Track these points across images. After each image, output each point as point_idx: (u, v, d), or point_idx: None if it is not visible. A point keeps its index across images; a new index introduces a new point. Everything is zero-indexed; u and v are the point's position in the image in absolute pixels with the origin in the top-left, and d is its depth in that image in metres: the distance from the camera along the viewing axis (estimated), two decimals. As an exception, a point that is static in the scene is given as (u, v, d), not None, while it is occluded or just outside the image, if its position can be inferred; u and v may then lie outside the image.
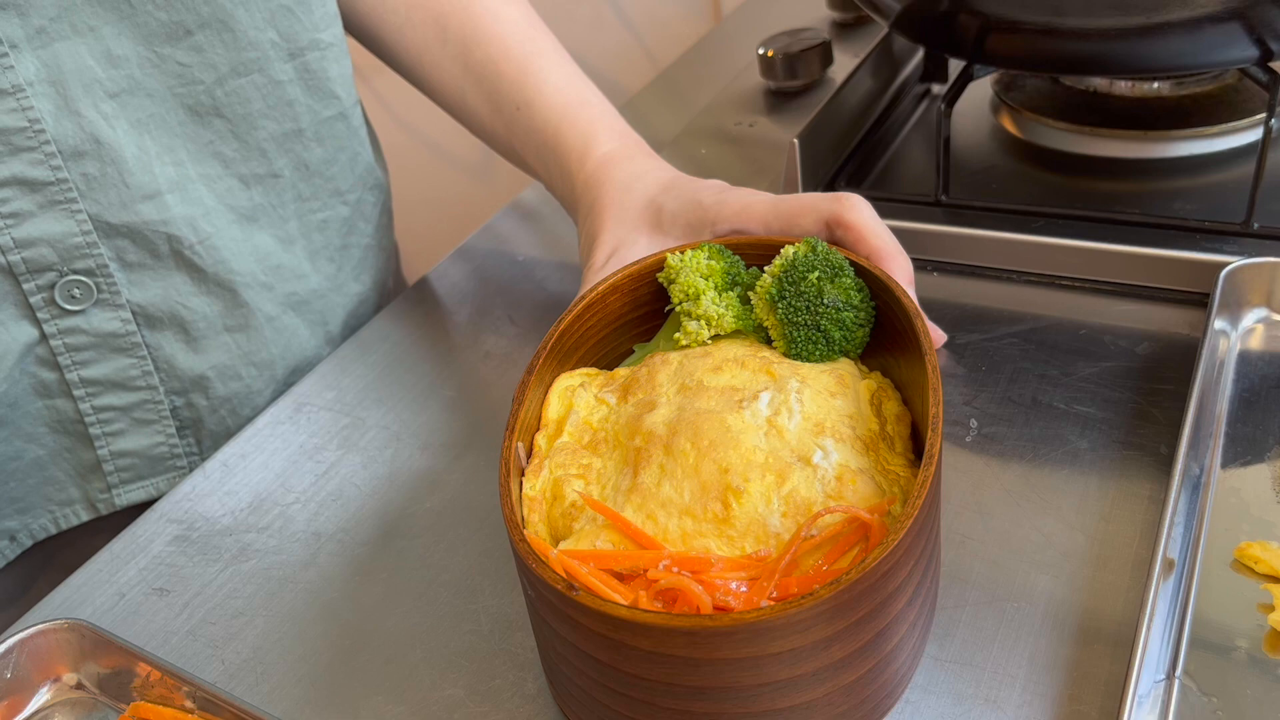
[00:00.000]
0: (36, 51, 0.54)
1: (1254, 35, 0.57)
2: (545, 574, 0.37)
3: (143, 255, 0.60)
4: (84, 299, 0.59)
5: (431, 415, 0.61)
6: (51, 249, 0.57)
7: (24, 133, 0.54)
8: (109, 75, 0.56)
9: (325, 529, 0.55)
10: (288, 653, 0.49)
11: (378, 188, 0.72)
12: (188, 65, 0.58)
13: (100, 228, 0.58)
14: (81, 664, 0.46)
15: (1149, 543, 0.46)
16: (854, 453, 0.42)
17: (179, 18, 0.57)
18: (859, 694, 0.39)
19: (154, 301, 0.61)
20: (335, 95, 0.65)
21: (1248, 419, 0.51)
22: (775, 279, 0.47)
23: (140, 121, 0.58)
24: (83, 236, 0.57)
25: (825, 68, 0.89)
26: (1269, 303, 0.56)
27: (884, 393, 0.46)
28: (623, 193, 0.58)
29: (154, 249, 0.60)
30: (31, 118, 0.54)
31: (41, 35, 0.54)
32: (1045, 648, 0.43)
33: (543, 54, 0.66)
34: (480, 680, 0.46)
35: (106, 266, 0.59)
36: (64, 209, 0.56)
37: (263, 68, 0.61)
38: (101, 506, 0.64)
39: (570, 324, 0.49)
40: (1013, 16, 0.61)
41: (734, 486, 0.40)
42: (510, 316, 0.69)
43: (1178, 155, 0.69)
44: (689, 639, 0.35)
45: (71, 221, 0.57)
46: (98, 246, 0.58)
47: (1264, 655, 0.41)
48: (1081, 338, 0.58)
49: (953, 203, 0.67)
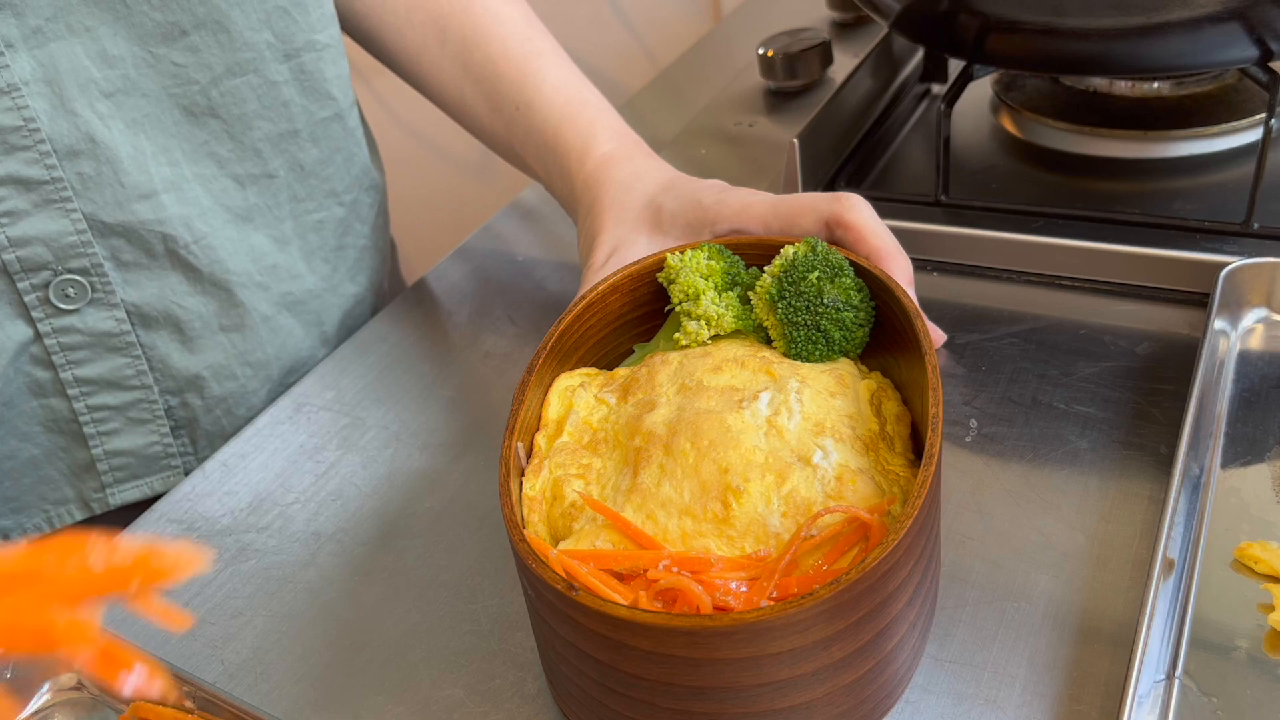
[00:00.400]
0: (32, 51, 0.54)
1: (1254, 35, 0.57)
2: (545, 574, 0.37)
3: (138, 255, 0.60)
4: (78, 298, 0.58)
5: (431, 415, 0.61)
6: (46, 248, 0.57)
7: (19, 131, 0.54)
8: (104, 75, 0.56)
9: (325, 529, 0.55)
10: (288, 653, 0.49)
11: (374, 189, 0.72)
12: (183, 65, 0.58)
13: (95, 227, 0.58)
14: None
15: (1149, 543, 0.46)
16: (854, 453, 0.42)
17: (174, 18, 0.57)
18: (859, 694, 0.39)
19: (149, 301, 0.61)
20: (331, 96, 0.65)
21: (1248, 419, 0.51)
22: (775, 279, 0.47)
23: (135, 121, 0.58)
24: (77, 236, 0.57)
25: (825, 68, 0.89)
26: (1269, 303, 0.56)
27: (884, 393, 0.46)
28: (622, 192, 0.58)
29: (149, 248, 0.60)
30: (26, 116, 0.54)
31: (37, 35, 0.54)
32: (1045, 648, 0.43)
33: (542, 54, 0.66)
34: (480, 680, 0.46)
35: (101, 266, 0.59)
36: (59, 208, 0.56)
37: (258, 68, 0.61)
38: (95, 506, 0.64)
39: (570, 324, 0.49)
40: (1013, 16, 0.61)
41: (734, 486, 0.40)
42: (510, 316, 0.69)
43: (1178, 155, 0.69)
44: (689, 639, 0.35)
45: (66, 220, 0.57)
46: (92, 246, 0.58)
47: (1264, 655, 0.41)
48: (1081, 338, 0.58)
49: (953, 203, 0.67)
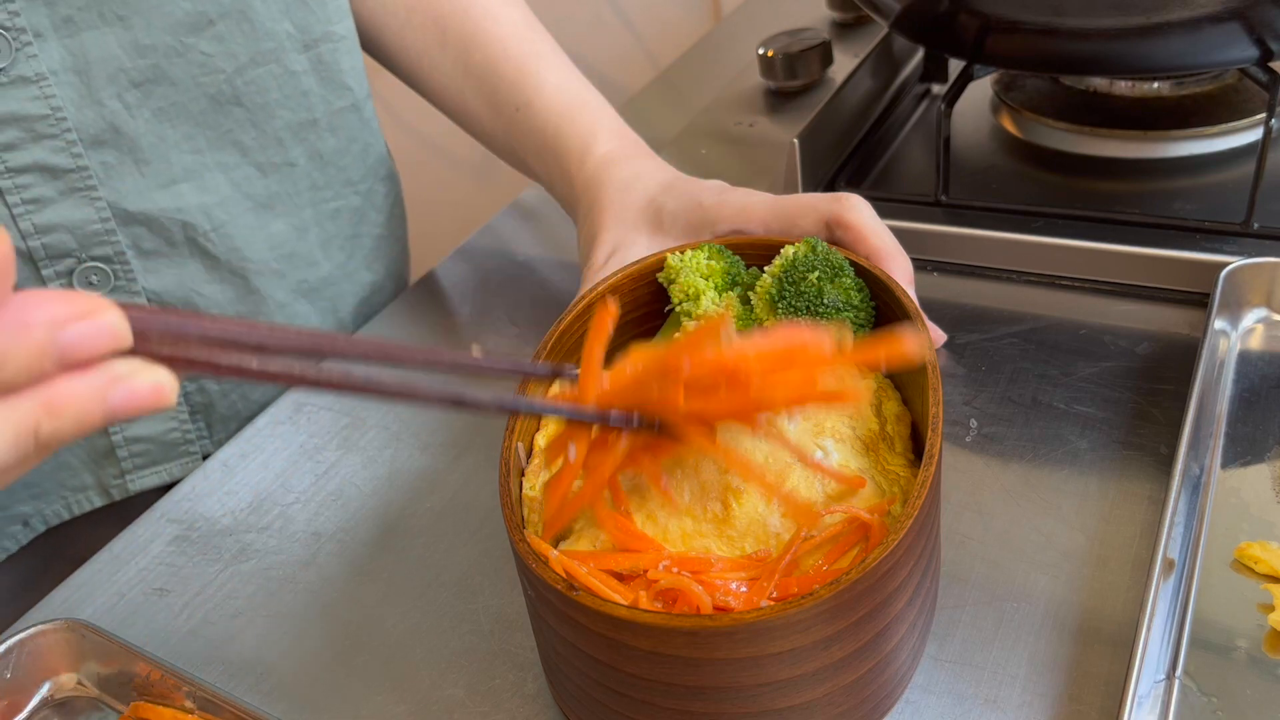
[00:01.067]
0: (63, 40, 0.55)
1: (1254, 35, 0.57)
2: (545, 574, 0.37)
3: (158, 243, 0.61)
4: (101, 285, 0.59)
5: (431, 415, 0.61)
6: (70, 235, 0.58)
7: (46, 120, 0.55)
8: (135, 64, 0.57)
9: (325, 529, 0.55)
10: (288, 653, 0.49)
11: (390, 179, 0.74)
12: (210, 55, 0.59)
13: (118, 215, 0.59)
14: (81, 664, 0.47)
15: (1149, 543, 0.46)
16: (854, 453, 0.42)
17: (202, 7, 0.58)
18: (859, 694, 0.39)
19: (168, 288, 0.62)
20: (348, 86, 0.67)
21: (1248, 419, 0.51)
22: (775, 279, 0.47)
23: (162, 110, 0.59)
24: (101, 224, 0.58)
25: (825, 68, 0.88)
26: (1269, 303, 0.56)
27: (884, 393, 0.46)
28: (622, 193, 0.58)
29: (169, 236, 0.61)
30: (54, 105, 0.55)
31: (69, 24, 0.55)
32: (1045, 648, 0.43)
33: (542, 56, 0.67)
34: (480, 680, 0.46)
35: (124, 253, 0.59)
36: (83, 196, 0.57)
37: (279, 58, 0.62)
38: (115, 492, 0.65)
39: (570, 324, 0.49)
40: (1013, 16, 0.61)
41: (734, 487, 0.40)
42: (510, 316, 0.69)
43: (1178, 155, 0.69)
44: (689, 639, 0.35)
45: (91, 209, 0.58)
46: (115, 234, 0.59)
47: (1264, 655, 0.41)
48: (1081, 338, 0.58)
49: (953, 203, 0.67)
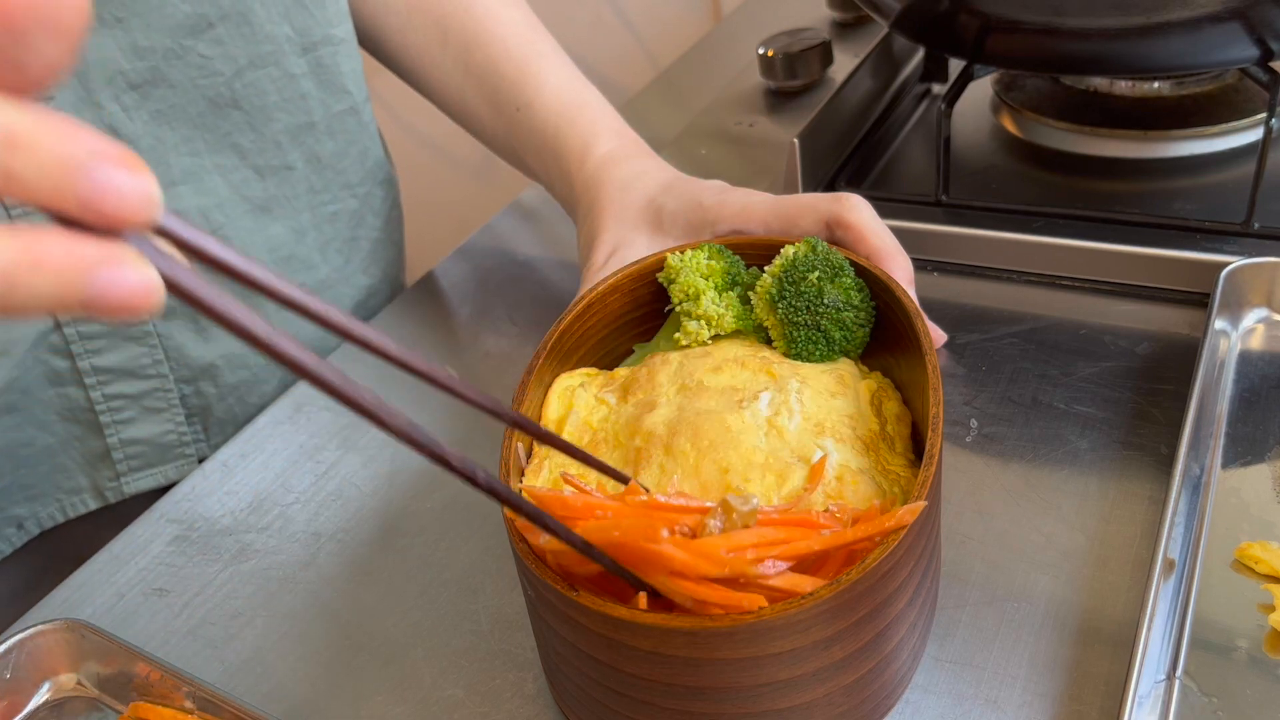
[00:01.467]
0: None
1: (1254, 35, 0.57)
2: (545, 574, 0.37)
3: None
4: None
5: (431, 415, 0.61)
6: None
7: None
8: (133, 66, 0.57)
9: (325, 529, 0.55)
10: (288, 653, 0.48)
11: (387, 182, 0.73)
12: (209, 57, 0.59)
13: None
14: (81, 664, 0.47)
15: (1149, 543, 0.46)
16: (854, 453, 0.42)
17: (201, 10, 0.58)
18: (859, 694, 0.39)
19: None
20: (346, 90, 0.67)
21: (1248, 419, 0.51)
22: (775, 279, 0.47)
23: (161, 113, 0.59)
24: None
25: (825, 68, 0.88)
26: (1269, 303, 0.56)
27: (884, 393, 0.46)
28: (622, 192, 0.58)
29: None
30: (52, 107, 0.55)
31: None
32: (1045, 648, 0.43)
33: (542, 56, 0.67)
34: (480, 680, 0.46)
35: None
36: None
37: (278, 61, 0.62)
38: (110, 495, 0.65)
39: (570, 324, 0.49)
40: (1013, 16, 0.61)
41: (734, 487, 0.40)
42: (510, 316, 0.69)
43: (1178, 155, 0.69)
44: (689, 639, 0.35)
45: None
46: None
47: (1264, 655, 0.41)
48: (1081, 338, 0.58)
49: (953, 203, 0.67)
